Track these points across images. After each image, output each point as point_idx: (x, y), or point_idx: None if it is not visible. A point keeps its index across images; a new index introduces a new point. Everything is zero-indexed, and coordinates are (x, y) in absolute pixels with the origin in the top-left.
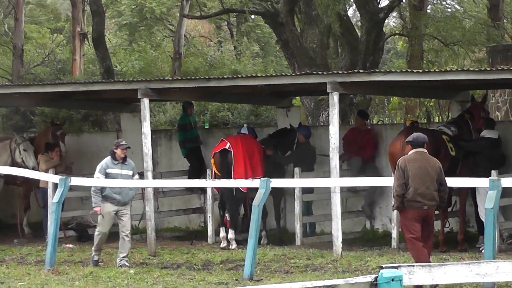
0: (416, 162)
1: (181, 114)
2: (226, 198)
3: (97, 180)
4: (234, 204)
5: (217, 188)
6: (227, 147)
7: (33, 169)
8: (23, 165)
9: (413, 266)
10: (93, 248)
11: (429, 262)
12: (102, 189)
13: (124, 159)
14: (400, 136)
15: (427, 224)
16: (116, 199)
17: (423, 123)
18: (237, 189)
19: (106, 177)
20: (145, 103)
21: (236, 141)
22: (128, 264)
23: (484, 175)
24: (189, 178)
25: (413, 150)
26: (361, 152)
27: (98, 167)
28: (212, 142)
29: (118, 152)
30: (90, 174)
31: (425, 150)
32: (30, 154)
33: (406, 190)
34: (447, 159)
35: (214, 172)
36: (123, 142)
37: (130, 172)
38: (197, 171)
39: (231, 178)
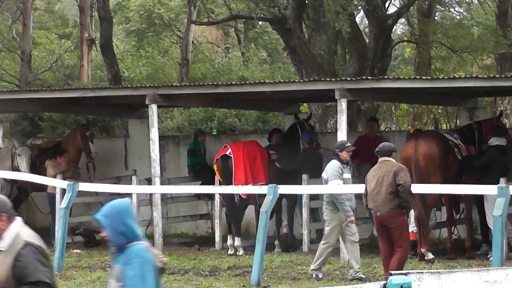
0: (373, 171)
1: (192, 140)
2: (227, 204)
3: (104, 186)
4: (234, 211)
5: (222, 195)
6: (228, 153)
7: None
8: (20, 170)
9: (422, 273)
10: (317, 263)
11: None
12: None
13: (347, 162)
14: (410, 140)
15: (390, 230)
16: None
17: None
18: (239, 195)
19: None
20: (153, 109)
21: (237, 147)
22: (364, 276)
23: (493, 182)
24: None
25: (379, 160)
26: (371, 160)
27: (334, 173)
28: (219, 149)
29: (344, 155)
30: (98, 180)
31: (389, 159)
32: (24, 160)
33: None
34: (455, 162)
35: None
36: (349, 144)
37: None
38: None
39: (232, 183)
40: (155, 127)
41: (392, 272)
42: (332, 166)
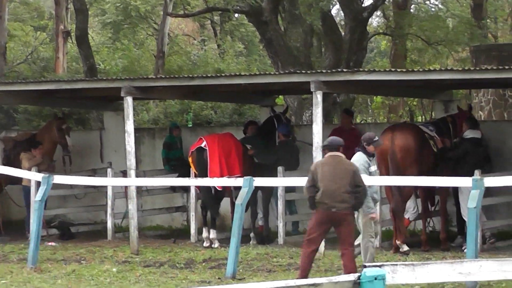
0: (326, 165)
1: (168, 133)
2: (204, 197)
3: (79, 178)
4: (212, 203)
5: (198, 187)
6: (203, 145)
7: None
8: None
9: (396, 265)
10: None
11: (308, 268)
12: None
13: (373, 154)
14: (387, 132)
15: (340, 227)
16: (376, 199)
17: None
18: (215, 188)
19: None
20: (129, 102)
21: (212, 139)
22: None
23: (468, 174)
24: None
25: (328, 154)
26: (346, 152)
27: (361, 167)
28: (195, 141)
29: (371, 148)
30: (73, 172)
31: (340, 154)
32: None
33: (314, 193)
34: (431, 154)
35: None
36: (377, 139)
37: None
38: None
39: (207, 176)
40: (131, 120)
41: (367, 264)
42: (359, 159)
